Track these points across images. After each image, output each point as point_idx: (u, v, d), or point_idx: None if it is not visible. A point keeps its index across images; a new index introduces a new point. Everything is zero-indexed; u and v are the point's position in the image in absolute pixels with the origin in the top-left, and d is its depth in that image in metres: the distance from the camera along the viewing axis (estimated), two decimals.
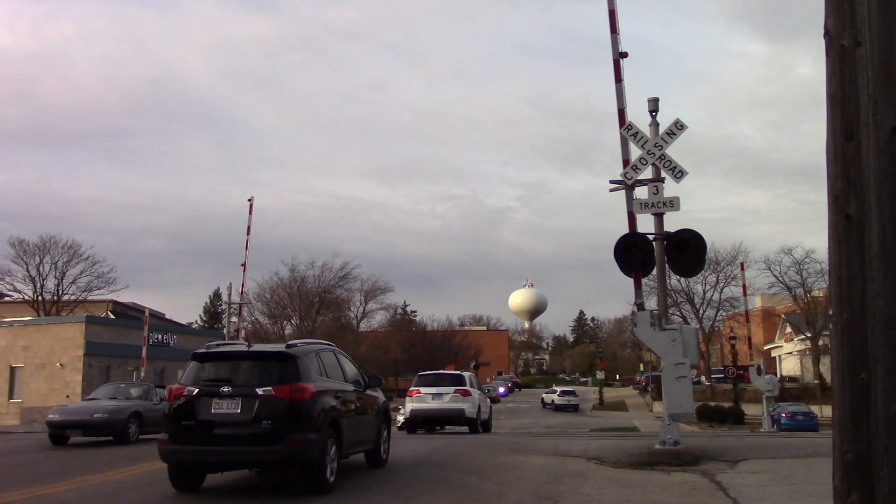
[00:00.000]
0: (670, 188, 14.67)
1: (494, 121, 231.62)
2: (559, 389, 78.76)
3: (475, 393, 26.73)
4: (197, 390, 10.41)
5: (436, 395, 25.55)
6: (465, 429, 25.90)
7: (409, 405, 26.25)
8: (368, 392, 13.27)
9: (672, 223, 14.89)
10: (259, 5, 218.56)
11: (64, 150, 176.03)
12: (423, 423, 25.40)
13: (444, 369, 39.68)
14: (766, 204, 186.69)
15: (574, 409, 70.35)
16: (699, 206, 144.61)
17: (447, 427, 26.72)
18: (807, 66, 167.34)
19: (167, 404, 10.75)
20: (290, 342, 12.06)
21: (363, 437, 12.66)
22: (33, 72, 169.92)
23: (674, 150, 14.70)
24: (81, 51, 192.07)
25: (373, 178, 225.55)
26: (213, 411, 10.25)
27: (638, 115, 15.26)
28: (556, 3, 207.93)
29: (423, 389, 25.86)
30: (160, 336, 53.19)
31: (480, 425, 26.24)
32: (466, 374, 28.52)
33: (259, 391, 10.22)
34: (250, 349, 11.58)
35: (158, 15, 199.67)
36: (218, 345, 11.94)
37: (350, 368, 13.00)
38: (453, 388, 25.97)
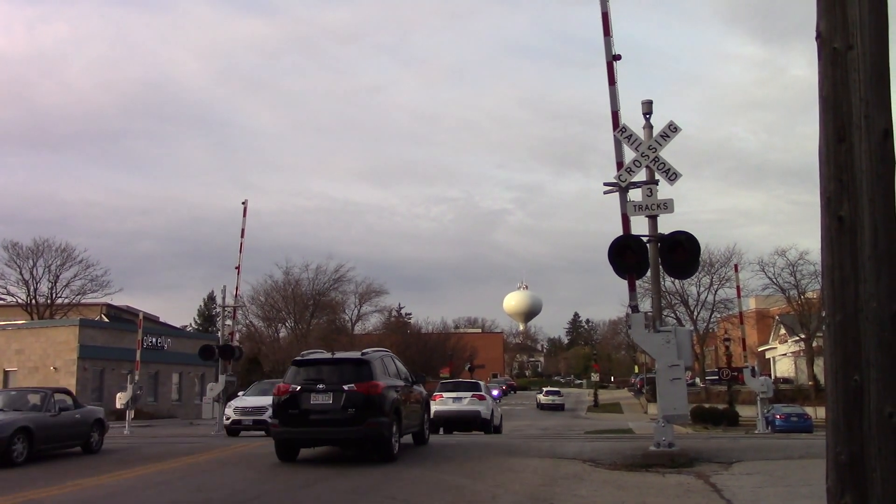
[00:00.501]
0: (664, 190, 14.70)
1: (490, 123, 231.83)
2: (545, 389, 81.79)
3: (489, 398, 30.40)
4: (299, 387, 14.38)
5: (456, 399, 29.06)
6: (465, 432, 28.06)
7: (433, 408, 27.88)
8: (415, 387, 17.19)
9: (666, 225, 14.93)
10: (254, 7, 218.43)
11: (58, 152, 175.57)
12: (444, 423, 28.04)
13: (461, 377, 45.90)
14: (761, 206, 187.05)
15: (560, 408, 72.67)
16: (694, 208, 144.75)
17: (454, 432, 27.56)
18: (801, 69, 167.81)
19: (276, 398, 14.60)
20: (364, 351, 15.87)
21: (413, 421, 16.67)
22: (28, 74, 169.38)
23: (668, 153, 14.74)
24: (76, 53, 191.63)
25: (368, 180, 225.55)
26: (311, 402, 14.21)
27: (633, 118, 15.30)
28: (551, 6, 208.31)
29: (445, 394, 29.49)
30: (154, 339, 53.05)
31: (493, 427, 29.26)
32: (481, 382, 33.61)
33: (345, 387, 14.15)
34: (335, 356, 15.71)
35: (153, 17, 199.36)
36: (311, 352, 16.32)
37: (402, 369, 16.88)
38: (471, 394, 29.76)
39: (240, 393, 31.46)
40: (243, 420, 26.16)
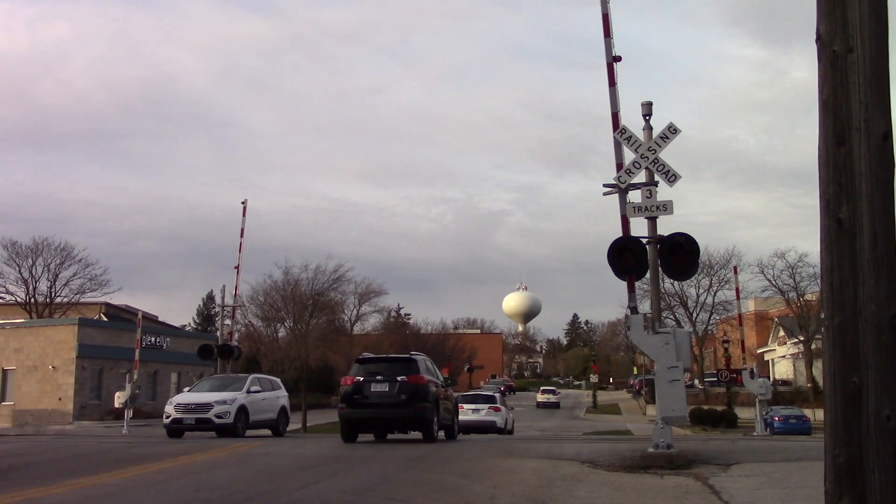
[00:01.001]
0: (664, 192, 14.71)
1: (489, 124, 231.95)
2: (542, 388, 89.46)
3: (503, 409, 36.31)
4: (362, 378, 19.05)
5: (475, 410, 34.04)
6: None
7: None
8: (447, 388, 21.46)
9: (666, 227, 14.92)
10: (254, 7, 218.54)
11: (58, 151, 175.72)
12: (464, 431, 29.94)
13: (460, 379, 54.53)
14: (760, 208, 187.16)
15: (556, 405, 78.97)
16: (693, 210, 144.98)
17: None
18: (802, 71, 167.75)
19: (343, 388, 19.44)
20: (412, 352, 21.10)
21: (446, 416, 20.45)
22: (28, 73, 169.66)
23: (668, 154, 14.75)
24: (76, 52, 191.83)
25: (367, 180, 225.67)
26: (371, 391, 18.81)
27: (633, 119, 15.31)
28: (551, 7, 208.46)
29: (465, 405, 32.86)
30: (153, 339, 53.05)
31: (507, 433, 34.10)
32: (497, 395, 38.99)
33: (398, 378, 18.68)
34: (389, 356, 23.10)
35: (154, 16, 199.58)
36: (369, 354, 22.19)
37: (437, 372, 21.19)
38: (488, 405, 35.21)
39: (185, 388, 30.57)
40: (185, 419, 24.26)
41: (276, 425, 27.49)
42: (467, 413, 32.19)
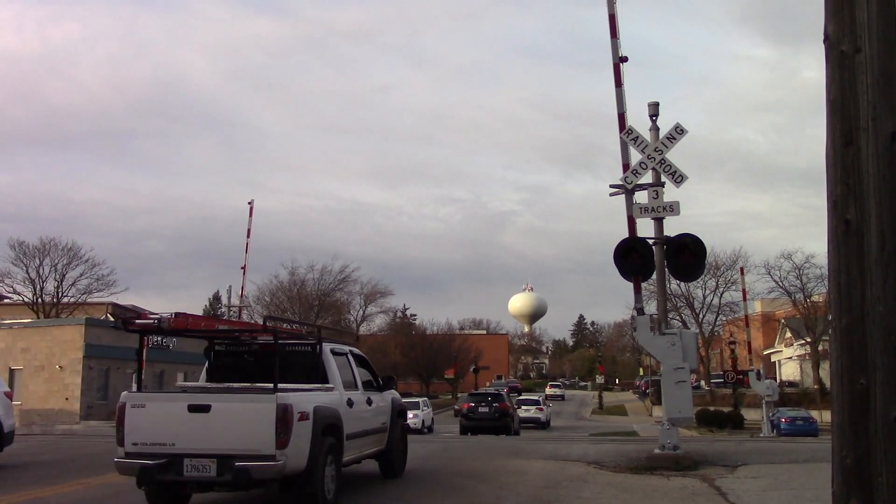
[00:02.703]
0: (670, 192, 14.68)
1: (498, 124, 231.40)
2: (550, 383, 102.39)
3: (545, 408, 46.86)
4: (473, 404, 35.00)
5: (526, 410, 41.82)
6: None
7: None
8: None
9: (674, 227, 14.92)
10: (264, 7, 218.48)
11: (67, 151, 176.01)
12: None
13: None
14: (769, 208, 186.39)
15: (561, 398, 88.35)
16: (702, 211, 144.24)
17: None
18: (813, 70, 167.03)
19: (461, 410, 36.47)
20: (496, 386, 53.26)
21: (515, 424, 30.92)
22: (38, 73, 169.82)
23: (677, 154, 14.73)
24: (86, 52, 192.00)
25: (376, 180, 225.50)
26: (479, 411, 34.28)
27: (642, 120, 15.29)
28: (560, 7, 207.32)
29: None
30: (160, 339, 53.12)
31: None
32: (503, 393, 41.73)
33: (495, 404, 34.39)
34: (487, 391, 41.18)
35: (163, 16, 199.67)
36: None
37: (508, 397, 32.86)
38: (534, 406, 44.15)
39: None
40: None
41: None
42: (521, 412, 40.89)
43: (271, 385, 9.02)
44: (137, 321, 9.60)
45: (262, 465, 8.73)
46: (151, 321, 9.41)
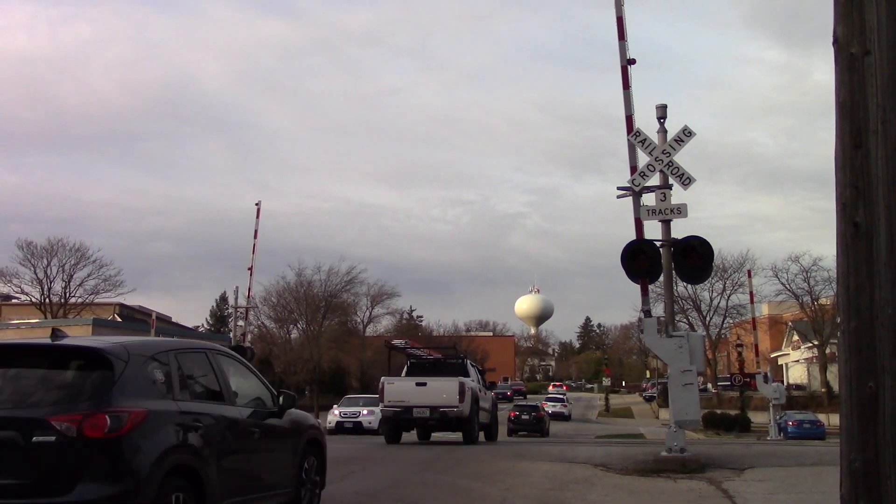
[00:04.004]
0: (678, 195, 14.65)
1: (507, 126, 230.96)
2: (552, 384, 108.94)
3: (569, 405, 57.46)
4: (518, 412, 40.97)
5: (553, 405, 46.52)
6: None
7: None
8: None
9: (683, 230, 14.85)
10: (274, 9, 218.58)
11: (76, 152, 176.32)
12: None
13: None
14: (778, 211, 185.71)
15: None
16: (711, 213, 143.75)
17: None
18: (824, 73, 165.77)
19: (510, 416, 40.27)
20: (533, 405, 43.92)
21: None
22: (48, 74, 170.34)
23: (685, 157, 14.69)
24: (97, 53, 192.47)
25: (384, 182, 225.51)
26: (521, 418, 40.28)
27: (651, 122, 15.26)
28: (570, 9, 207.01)
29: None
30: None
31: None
32: (539, 405, 46.44)
33: (534, 413, 40.81)
34: (529, 403, 47.63)
35: (173, 18, 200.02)
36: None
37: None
38: (534, 413, 42.40)
39: None
40: None
41: None
42: (548, 407, 48.61)
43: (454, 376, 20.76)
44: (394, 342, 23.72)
45: (451, 409, 20.00)
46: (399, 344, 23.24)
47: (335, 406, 38.57)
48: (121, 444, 5.93)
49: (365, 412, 34.23)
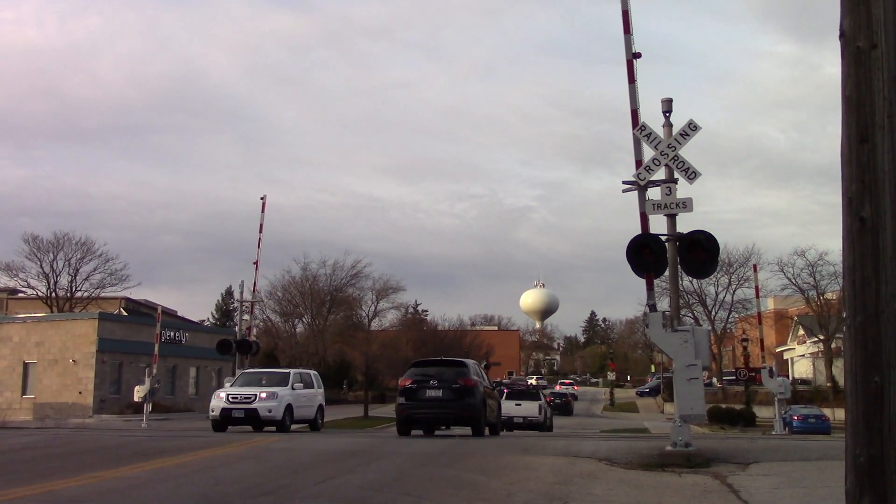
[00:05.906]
0: (684, 189, 14.63)
1: (516, 120, 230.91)
2: (560, 380, 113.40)
3: (572, 400, 54.84)
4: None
5: (517, 405, 40.08)
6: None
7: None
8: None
9: (689, 224, 14.84)
10: (284, 2, 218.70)
11: (86, 145, 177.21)
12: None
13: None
14: (787, 205, 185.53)
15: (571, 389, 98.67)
16: (719, 207, 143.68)
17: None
18: (835, 67, 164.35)
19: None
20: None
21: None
22: (58, 67, 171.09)
23: (693, 151, 14.69)
24: (107, 47, 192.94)
25: (392, 176, 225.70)
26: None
27: (660, 117, 15.18)
28: (580, 3, 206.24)
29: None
30: (172, 333, 53.40)
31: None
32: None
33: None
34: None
35: (183, 11, 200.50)
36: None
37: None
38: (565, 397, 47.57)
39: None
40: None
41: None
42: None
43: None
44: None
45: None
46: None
47: (225, 382, 32.63)
48: (475, 389, 21.71)
49: (264, 395, 25.02)
